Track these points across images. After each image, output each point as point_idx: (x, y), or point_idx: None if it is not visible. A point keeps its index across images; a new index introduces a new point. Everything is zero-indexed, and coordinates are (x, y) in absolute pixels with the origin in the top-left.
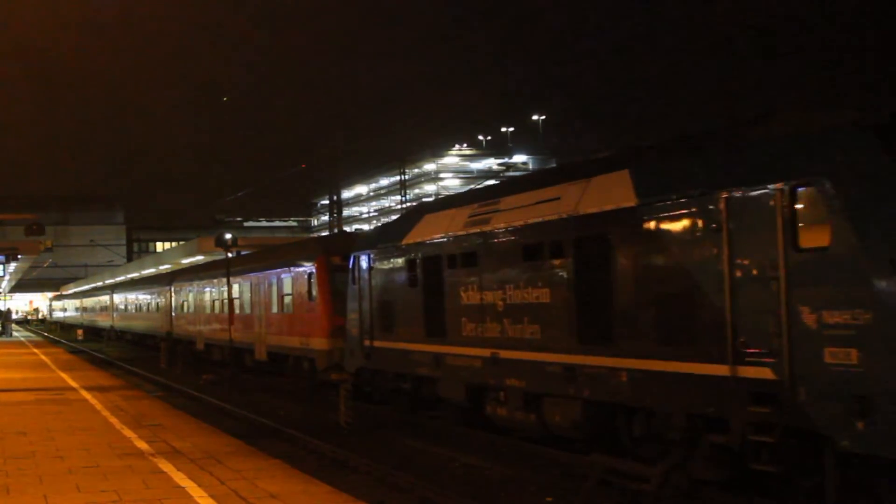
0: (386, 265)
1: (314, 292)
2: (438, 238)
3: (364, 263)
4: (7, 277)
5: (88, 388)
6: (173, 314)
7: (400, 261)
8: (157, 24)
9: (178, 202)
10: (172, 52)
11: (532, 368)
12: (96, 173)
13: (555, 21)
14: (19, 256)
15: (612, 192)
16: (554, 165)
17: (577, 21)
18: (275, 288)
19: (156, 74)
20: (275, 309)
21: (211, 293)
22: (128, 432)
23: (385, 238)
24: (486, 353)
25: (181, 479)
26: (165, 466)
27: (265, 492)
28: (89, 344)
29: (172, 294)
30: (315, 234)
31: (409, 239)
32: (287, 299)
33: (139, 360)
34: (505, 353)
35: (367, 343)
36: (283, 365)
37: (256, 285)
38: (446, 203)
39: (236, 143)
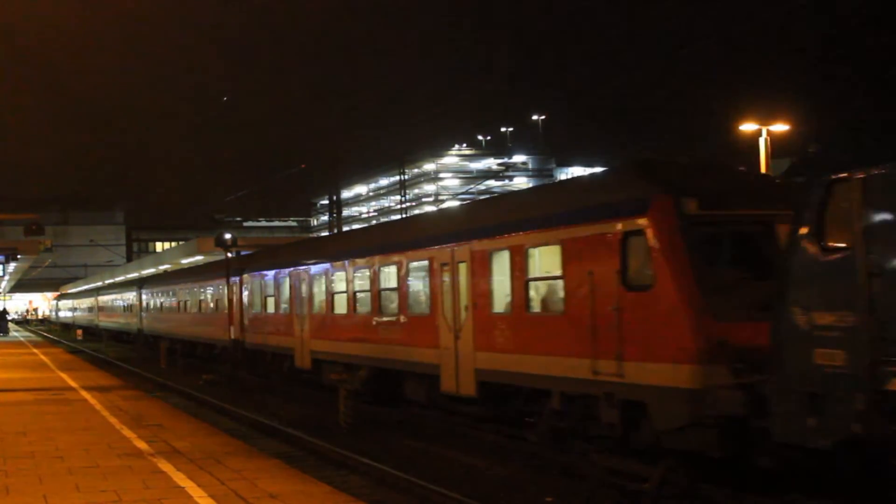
0: None
1: (643, 272)
2: None
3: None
4: (6, 277)
5: (88, 388)
6: (246, 316)
7: None
8: (156, 24)
9: (178, 202)
10: (172, 52)
11: None
12: (96, 173)
13: (555, 20)
14: (19, 256)
15: None
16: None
17: (577, 20)
18: (500, 268)
19: (155, 74)
20: (499, 307)
21: (329, 282)
22: (127, 432)
23: None
24: None
25: (181, 479)
26: (165, 466)
27: (265, 492)
28: (88, 344)
29: (244, 287)
30: (630, 163)
31: None
32: (541, 289)
33: (138, 360)
34: None
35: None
36: (517, 406)
37: (443, 266)
38: None
39: (236, 143)
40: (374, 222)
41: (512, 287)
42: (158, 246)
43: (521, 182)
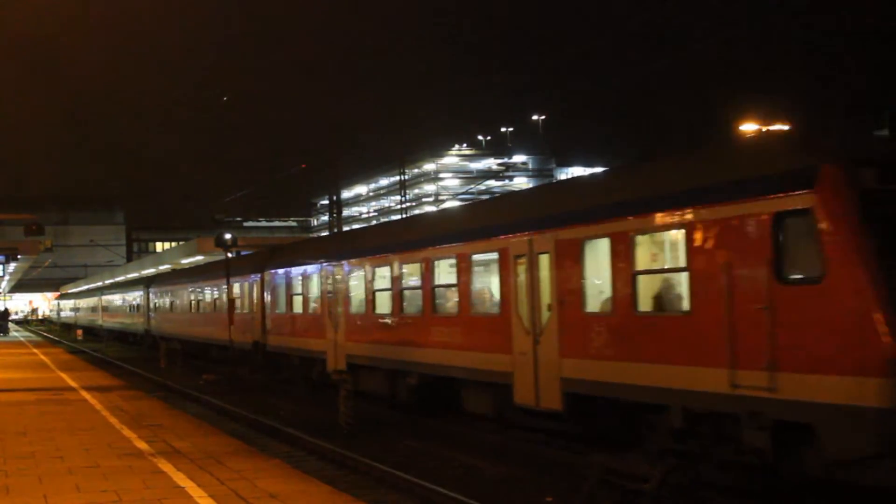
0: None
1: (807, 261)
2: None
3: None
4: (7, 277)
5: (88, 388)
6: (268, 317)
7: None
8: (156, 24)
9: (178, 202)
10: (172, 52)
11: None
12: (96, 173)
13: (555, 21)
14: (19, 256)
15: None
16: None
17: (576, 20)
18: (595, 259)
19: (156, 74)
20: (593, 306)
21: (369, 278)
22: (127, 432)
23: None
24: None
25: (181, 479)
26: (165, 466)
27: (265, 492)
28: (89, 344)
29: (266, 286)
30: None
31: None
32: (654, 285)
33: (138, 360)
34: None
35: None
36: (612, 424)
37: (519, 257)
38: None
39: (236, 143)
40: (373, 222)
41: (613, 282)
42: (158, 246)
43: (521, 182)
